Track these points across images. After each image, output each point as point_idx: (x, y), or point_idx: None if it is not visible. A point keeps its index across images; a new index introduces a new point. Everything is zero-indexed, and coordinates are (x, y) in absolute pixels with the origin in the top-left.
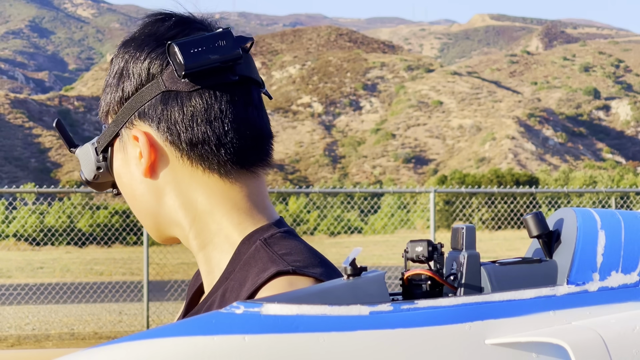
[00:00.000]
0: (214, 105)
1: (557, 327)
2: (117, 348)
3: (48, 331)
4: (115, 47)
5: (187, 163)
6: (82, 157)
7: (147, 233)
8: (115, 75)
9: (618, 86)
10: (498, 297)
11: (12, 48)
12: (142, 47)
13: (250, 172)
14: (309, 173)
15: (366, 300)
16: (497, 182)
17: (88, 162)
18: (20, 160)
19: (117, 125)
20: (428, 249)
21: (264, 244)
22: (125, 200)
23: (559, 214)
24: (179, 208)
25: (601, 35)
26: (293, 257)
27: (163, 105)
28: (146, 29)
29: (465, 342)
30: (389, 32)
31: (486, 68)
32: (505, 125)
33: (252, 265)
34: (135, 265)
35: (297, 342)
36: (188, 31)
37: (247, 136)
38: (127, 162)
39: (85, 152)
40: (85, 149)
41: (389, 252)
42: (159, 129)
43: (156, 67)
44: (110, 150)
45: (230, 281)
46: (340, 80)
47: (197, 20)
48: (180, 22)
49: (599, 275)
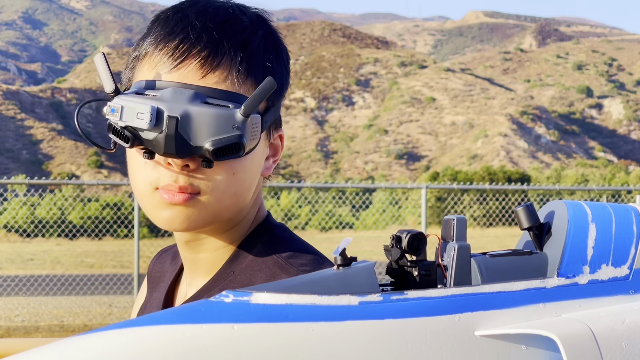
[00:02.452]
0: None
1: (547, 320)
2: (105, 335)
3: (37, 323)
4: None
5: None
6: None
7: (137, 226)
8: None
9: (611, 85)
10: (488, 289)
11: (5, 39)
12: (287, 55)
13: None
14: (301, 168)
15: (356, 291)
16: (489, 179)
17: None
18: (11, 151)
19: (274, 114)
20: (412, 242)
21: (265, 246)
22: (116, 192)
23: (550, 206)
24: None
25: (595, 33)
26: (299, 260)
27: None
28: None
29: (454, 333)
30: (383, 28)
31: (479, 65)
32: (498, 122)
33: (257, 270)
34: (126, 258)
35: (286, 332)
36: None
37: None
38: (263, 155)
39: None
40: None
41: (380, 247)
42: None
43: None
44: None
45: (229, 283)
46: (334, 75)
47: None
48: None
49: (589, 268)
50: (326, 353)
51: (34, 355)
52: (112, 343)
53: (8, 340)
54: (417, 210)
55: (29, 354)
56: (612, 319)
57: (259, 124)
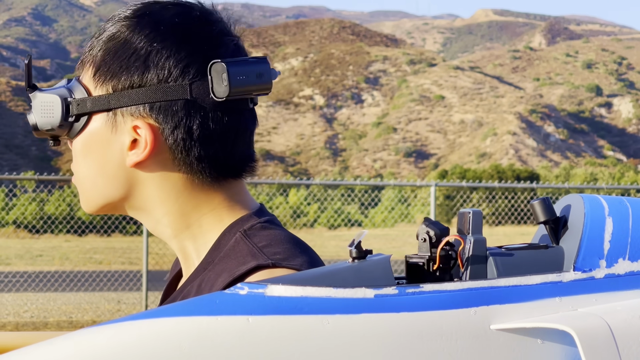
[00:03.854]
0: (230, 128)
1: (563, 314)
2: (120, 327)
3: (46, 319)
4: (136, 10)
5: (184, 170)
6: (43, 105)
7: None
8: (139, 54)
9: (620, 83)
10: (504, 283)
11: (15, 36)
12: (181, 46)
13: (239, 179)
14: (309, 166)
15: (371, 283)
16: (497, 178)
17: (49, 113)
18: (21, 148)
19: (115, 103)
20: (436, 234)
21: (244, 236)
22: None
23: (566, 200)
24: (155, 202)
25: (604, 32)
26: (273, 249)
27: (185, 114)
28: (186, 21)
29: (470, 327)
30: (392, 26)
31: (489, 63)
32: (507, 121)
33: (232, 257)
34: (135, 255)
35: (301, 324)
36: (230, 47)
37: (247, 154)
38: (109, 143)
39: (50, 101)
40: (49, 98)
41: (388, 245)
42: (172, 134)
43: (191, 74)
44: (88, 118)
45: (208, 272)
46: (343, 73)
47: (231, 29)
48: (223, 32)
49: (605, 262)
50: (341, 346)
51: (50, 345)
52: (127, 334)
53: (19, 333)
54: (426, 208)
55: (46, 344)
56: (629, 313)
57: (55, 104)
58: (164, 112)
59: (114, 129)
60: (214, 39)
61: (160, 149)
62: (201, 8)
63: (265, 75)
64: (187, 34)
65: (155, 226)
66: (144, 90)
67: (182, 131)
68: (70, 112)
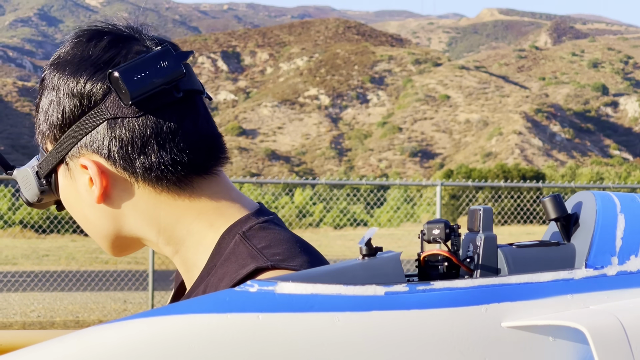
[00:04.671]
0: (163, 127)
1: (575, 311)
2: (131, 324)
3: (53, 318)
4: (45, 68)
5: (143, 185)
6: (22, 180)
7: None
8: (52, 101)
9: (626, 82)
10: (515, 280)
11: (21, 36)
12: (79, 72)
13: (210, 175)
14: (315, 165)
15: (382, 281)
16: (503, 177)
17: (29, 185)
18: (27, 148)
19: (59, 153)
20: (445, 230)
21: (243, 238)
22: None
23: (577, 197)
24: (142, 225)
25: (610, 31)
26: (273, 249)
27: (110, 132)
28: (78, 50)
29: (481, 324)
30: (397, 26)
31: (494, 63)
32: (513, 120)
33: (232, 260)
34: (140, 255)
35: (311, 322)
36: (125, 51)
37: (201, 148)
38: (76, 189)
39: (25, 175)
40: (24, 172)
41: (394, 245)
42: (110, 157)
43: (98, 94)
44: (55, 176)
45: (211, 277)
46: (348, 72)
47: (130, 34)
48: (114, 41)
49: (617, 259)
50: (352, 343)
51: (61, 343)
52: (137, 331)
53: (26, 332)
54: (432, 207)
55: (56, 341)
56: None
57: (29, 176)
58: (95, 142)
59: (72, 176)
60: (109, 51)
61: (114, 177)
62: (98, 32)
63: (168, 62)
64: (82, 61)
65: (158, 248)
66: (71, 131)
67: (115, 150)
68: (40, 178)
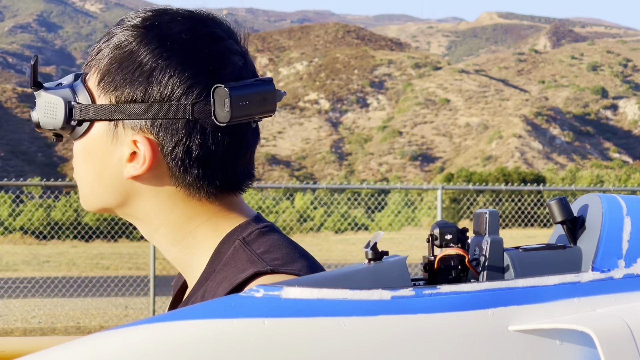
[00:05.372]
0: (231, 149)
1: (582, 314)
2: (136, 330)
3: (54, 324)
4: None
5: (179, 185)
6: (46, 105)
7: None
8: (143, 69)
9: (626, 85)
10: (522, 283)
11: (20, 42)
12: (186, 65)
13: (237, 192)
14: (315, 170)
15: (388, 285)
16: (503, 181)
17: (52, 114)
18: (27, 154)
19: (118, 114)
20: (458, 235)
21: (242, 243)
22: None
23: (583, 199)
24: (151, 211)
25: (609, 34)
26: (272, 254)
27: (186, 133)
28: (193, 36)
29: (488, 328)
30: (397, 30)
31: (494, 66)
32: (512, 123)
33: (232, 265)
34: (142, 260)
35: (317, 326)
36: (234, 67)
37: (244, 172)
38: (109, 152)
39: (53, 102)
40: (53, 99)
41: (395, 249)
42: (171, 153)
43: (194, 94)
44: (90, 125)
45: (210, 282)
46: (348, 77)
47: (242, 51)
48: (229, 51)
49: (624, 262)
50: (358, 348)
51: (66, 349)
52: (143, 337)
53: (27, 339)
54: (432, 211)
55: (61, 348)
56: None
57: (59, 106)
58: (164, 130)
59: (115, 139)
60: (220, 58)
61: (158, 164)
62: (211, 22)
63: (269, 98)
64: (193, 52)
65: (152, 235)
66: (146, 106)
67: (181, 150)
68: (72, 116)
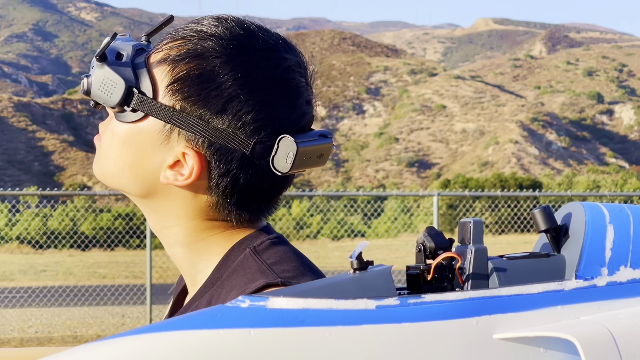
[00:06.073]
0: (272, 189)
1: (566, 322)
2: (123, 341)
3: (51, 334)
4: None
5: (211, 202)
6: (105, 80)
7: (150, 237)
8: (222, 94)
9: (621, 90)
10: (506, 292)
11: (16, 51)
12: (264, 107)
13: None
14: (312, 177)
15: (373, 294)
16: (500, 186)
17: (109, 91)
18: (23, 163)
19: (180, 122)
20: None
21: (253, 253)
22: (128, 203)
23: (567, 208)
24: (172, 212)
25: (605, 39)
26: (282, 266)
27: (239, 165)
28: (275, 76)
29: (472, 336)
30: (393, 36)
31: (489, 72)
32: (509, 129)
33: (241, 274)
34: (138, 269)
35: (303, 336)
36: (299, 108)
37: (276, 204)
38: (153, 150)
39: (114, 81)
40: (115, 79)
41: (391, 255)
42: (218, 178)
43: (261, 135)
44: (144, 116)
45: (217, 288)
46: (344, 84)
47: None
48: (299, 92)
49: (607, 270)
50: (343, 357)
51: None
52: (129, 349)
53: (24, 349)
54: (429, 218)
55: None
56: (631, 320)
57: (118, 86)
58: (219, 154)
59: (166, 142)
60: (295, 108)
61: (199, 181)
62: (291, 55)
63: (325, 155)
64: (274, 95)
65: (161, 230)
66: (210, 127)
67: (228, 179)
68: (129, 102)
